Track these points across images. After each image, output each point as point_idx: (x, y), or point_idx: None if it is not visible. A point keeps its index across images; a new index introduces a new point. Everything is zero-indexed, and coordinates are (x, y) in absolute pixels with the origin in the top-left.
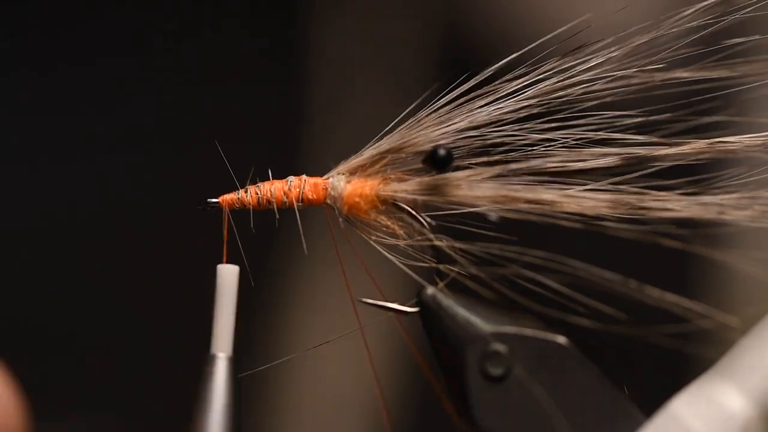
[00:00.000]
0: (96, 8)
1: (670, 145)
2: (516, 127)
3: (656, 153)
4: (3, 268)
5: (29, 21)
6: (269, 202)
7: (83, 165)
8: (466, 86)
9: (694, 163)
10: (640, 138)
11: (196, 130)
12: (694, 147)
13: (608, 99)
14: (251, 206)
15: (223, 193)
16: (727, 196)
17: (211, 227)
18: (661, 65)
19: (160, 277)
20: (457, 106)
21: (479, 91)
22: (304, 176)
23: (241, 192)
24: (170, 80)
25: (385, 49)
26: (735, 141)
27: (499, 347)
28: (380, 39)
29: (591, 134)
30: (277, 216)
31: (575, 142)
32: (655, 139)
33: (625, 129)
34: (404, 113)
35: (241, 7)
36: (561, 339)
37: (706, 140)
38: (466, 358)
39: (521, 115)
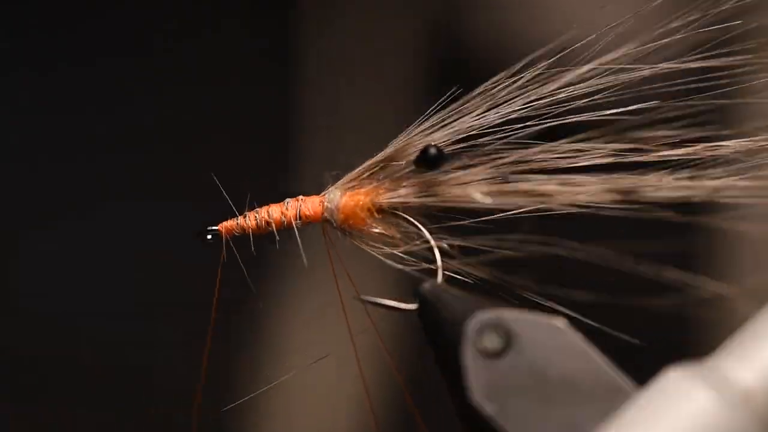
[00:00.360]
0: (96, 8)
1: (664, 150)
2: (508, 130)
3: (650, 157)
4: (3, 267)
5: (29, 21)
6: (268, 224)
7: (83, 165)
8: (459, 93)
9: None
10: (634, 144)
11: (196, 130)
12: (688, 151)
13: (599, 98)
14: (251, 230)
15: (222, 223)
16: (721, 179)
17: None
18: (653, 66)
19: (160, 276)
20: (450, 114)
21: (471, 95)
22: (300, 197)
23: (240, 218)
24: (170, 80)
25: (384, 49)
26: (729, 144)
27: (497, 329)
28: (379, 39)
29: (582, 142)
30: (277, 237)
31: (568, 144)
32: (649, 147)
33: (620, 128)
34: (400, 124)
35: (241, 7)
36: (559, 321)
37: (701, 144)
38: (463, 342)
39: (514, 116)
